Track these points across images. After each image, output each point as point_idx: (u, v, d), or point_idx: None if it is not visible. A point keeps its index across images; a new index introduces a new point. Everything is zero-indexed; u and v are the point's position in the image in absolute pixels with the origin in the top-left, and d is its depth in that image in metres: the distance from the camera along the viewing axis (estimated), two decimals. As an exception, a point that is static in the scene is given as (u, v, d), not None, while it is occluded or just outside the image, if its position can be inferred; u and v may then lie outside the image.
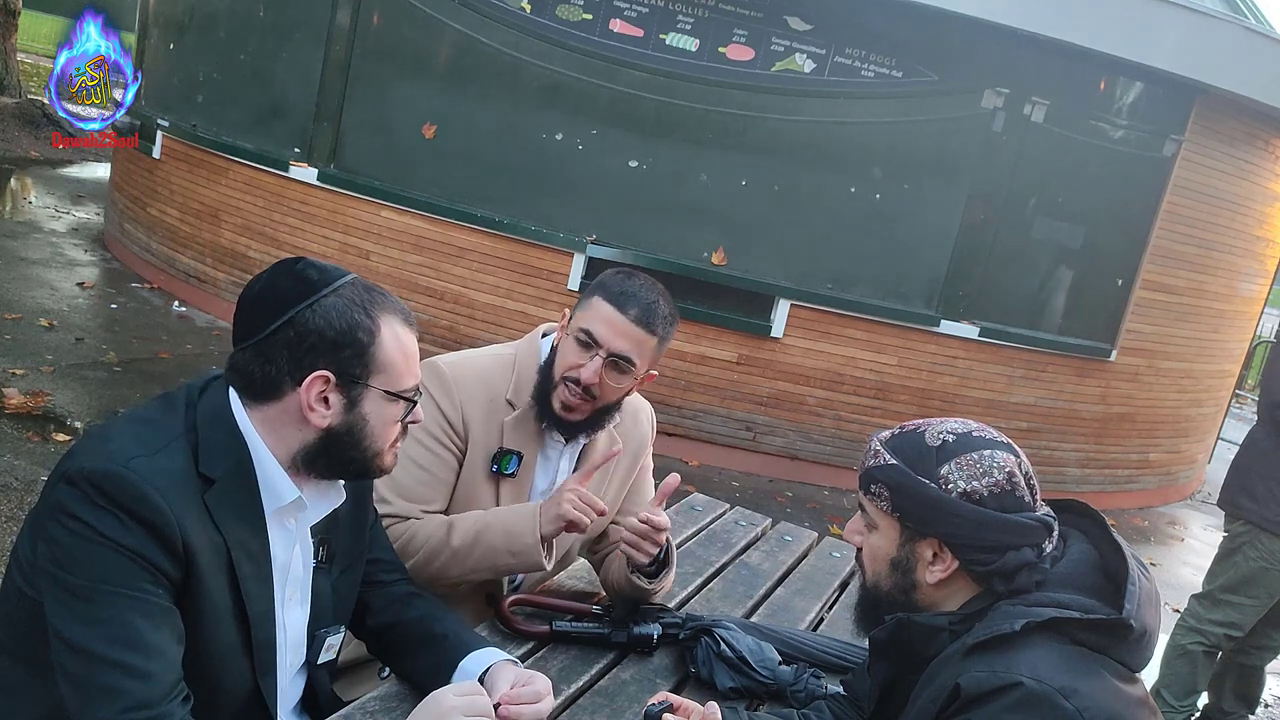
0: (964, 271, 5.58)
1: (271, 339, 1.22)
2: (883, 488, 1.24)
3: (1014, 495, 1.20)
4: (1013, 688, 1.07)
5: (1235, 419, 9.55)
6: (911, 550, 1.24)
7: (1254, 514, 3.19)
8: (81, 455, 1.16)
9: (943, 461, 1.21)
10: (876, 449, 1.27)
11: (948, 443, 1.23)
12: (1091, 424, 6.26)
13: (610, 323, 1.69)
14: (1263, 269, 7.00)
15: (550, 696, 1.37)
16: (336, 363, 1.23)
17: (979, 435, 1.24)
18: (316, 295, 1.23)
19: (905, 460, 1.23)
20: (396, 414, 1.29)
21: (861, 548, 1.31)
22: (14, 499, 3.43)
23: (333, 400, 1.24)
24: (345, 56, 5.71)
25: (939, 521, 1.20)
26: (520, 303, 5.50)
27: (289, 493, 1.26)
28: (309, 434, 1.25)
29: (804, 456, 5.70)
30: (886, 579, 1.27)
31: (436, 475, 1.76)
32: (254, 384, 1.24)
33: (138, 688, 1.09)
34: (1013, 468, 1.21)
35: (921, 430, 1.26)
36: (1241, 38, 5.69)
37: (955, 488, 1.19)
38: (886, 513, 1.25)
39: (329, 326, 1.22)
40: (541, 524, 1.64)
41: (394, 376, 1.27)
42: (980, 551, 1.19)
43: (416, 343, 1.31)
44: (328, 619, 1.41)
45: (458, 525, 1.70)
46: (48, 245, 7.21)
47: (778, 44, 5.23)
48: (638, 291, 1.71)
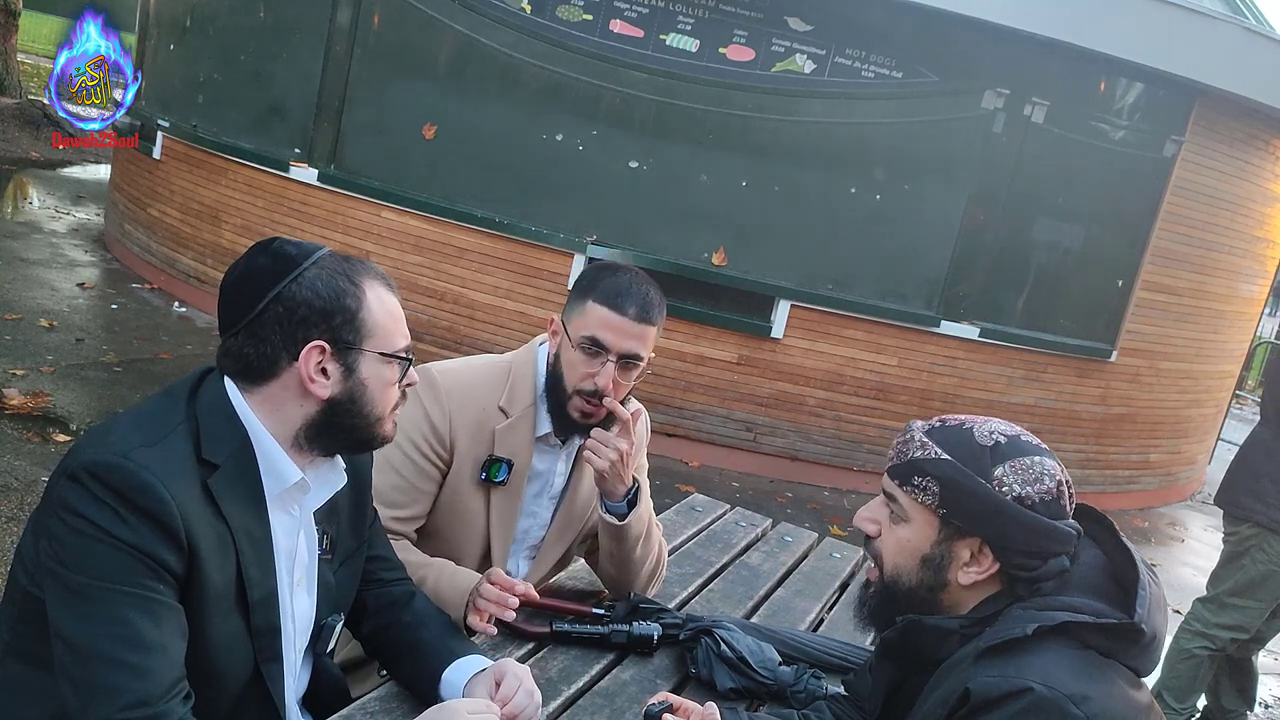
0: (964, 272, 5.58)
1: (261, 318, 1.23)
2: (931, 482, 1.19)
3: (1059, 504, 1.18)
4: (1023, 693, 1.06)
5: (1235, 419, 9.55)
6: (948, 548, 1.20)
7: (1262, 516, 3.16)
8: (83, 450, 1.16)
9: (997, 463, 1.17)
10: (923, 440, 1.21)
11: (1000, 444, 1.19)
12: (1091, 425, 6.26)
13: (613, 326, 1.68)
14: (1263, 269, 7.00)
15: (530, 681, 1.38)
16: (330, 331, 1.23)
17: (1026, 440, 1.21)
18: (298, 269, 1.24)
19: (957, 457, 1.18)
20: (393, 375, 1.30)
21: (877, 536, 1.27)
22: (14, 499, 3.43)
23: (331, 370, 1.24)
24: (345, 57, 5.71)
25: (990, 523, 1.17)
26: (520, 303, 5.50)
27: (292, 474, 1.26)
28: (311, 407, 1.25)
29: (804, 457, 5.70)
30: (912, 574, 1.23)
31: (413, 483, 1.76)
32: (250, 366, 1.24)
33: (137, 685, 1.09)
34: (1060, 476, 1.19)
35: (968, 427, 1.22)
36: (1241, 38, 5.69)
37: (1010, 491, 1.16)
38: (929, 507, 1.20)
39: (316, 297, 1.23)
40: (467, 605, 1.62)
41: (385, 338, 1.28)
42: (1026, 557, 1.17)
43: (399, 304, 1.32)
44: (330, 608, 1.41)
45: (409, 565, 1.66)
46: (48, 246, 7.21)
47: (778, 44, 5.23)
48: (629, 288, 1.70)
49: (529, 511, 1.88)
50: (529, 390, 1.79)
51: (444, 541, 1.82)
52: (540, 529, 1.91)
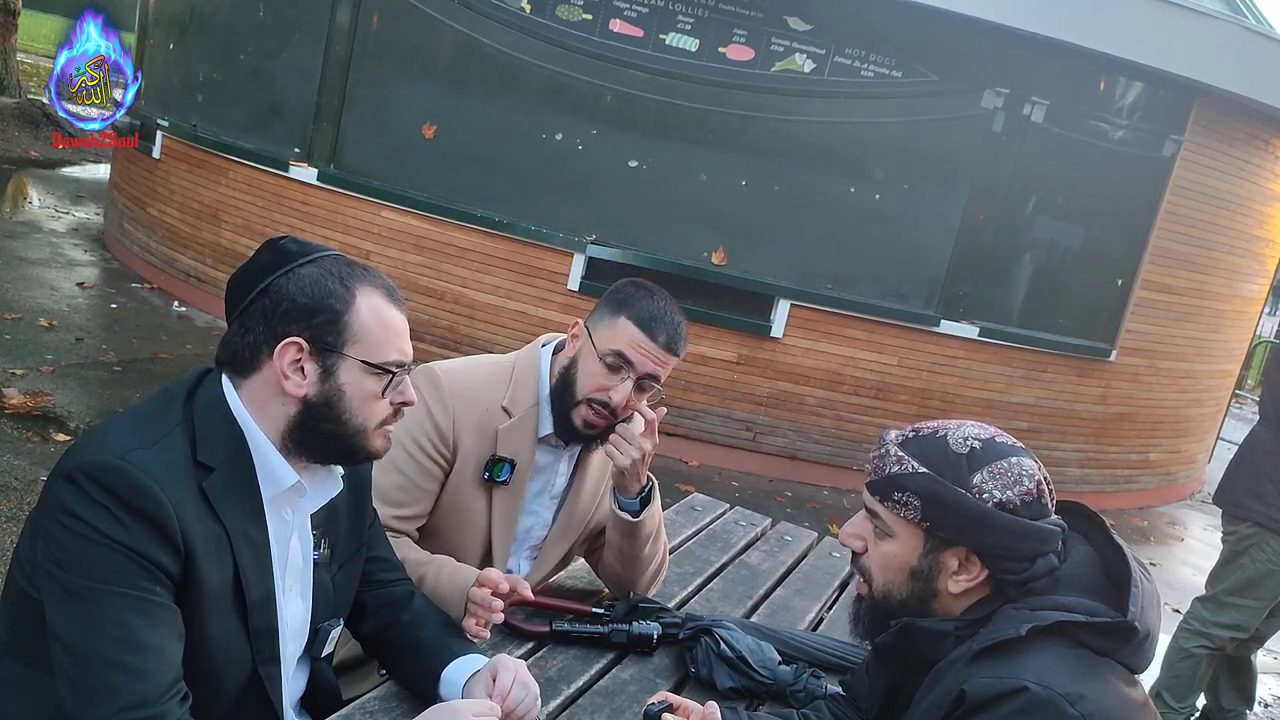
0: (964, 271, 5.57)
1: (249, 309, 1.23)
2: (911, 496, 1.18)
3: (1040, 503, 1.18)
4: (1018, 693, 1.06)
5: (1235, 419, 9.55)
6: (935, 559, 1.20)
7: (1262, 515, 3.16)
8: (80, 451, 1.16)
9: (974, 470, 1.17)
10: (898, 455, 1.20)
11: (975, 449, 1.18)
12: (1091, 424, 6.26)
13: (642, 349, 1.70)
14: (1262, 269, 7.00)
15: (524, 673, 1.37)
16: (309, 329, 1.22)
17: (1001, 441, 1.21)
18: (292, 264, 1.24)
19: (933, 468, 1.18)
20: (376, 387, 1.26)
21: (863, 553, 1.26)
22: (14, 499, 3.43)
23: (308, 369, 1.23)
24: (345, 56, 5.71)
25: (974, 533, 1.16)
26: (520, 303, 5.50)
27: (288, 477, 1.26)
28: (290, 407, 1.24)
29: (804, 456, 5.70)
30: (902, 588, 1.23)
31: (415, 482, 1.76)
32: (236, 356, 1.24)
33: (135, 687, 1.09)
34: (1038, 475, 1.19)
35: (941, 434, 1.21)
36: (1241, 38, 5.69)
37: (990, 497, 1.16)
38: (912, 521, 1.19)
39: (300, 293, 1.22)
40: (468, 603, 1.61)
41: (371, 347, 1.25)
42: (1013, 560, 1.17)
43: (402, 318, 1.29)
44: (327, 613, 1.41)
45: (408, 562, 1.67)
46: (48, 245, 7.21)
47: (778, 44, 5.23)
48: (664, 314, 1.72)
49: (530, 511, 1.88)
50: (531, 391, 1.80)
51: (445, 541, 1.82)
52: (542, 529, 1.91)
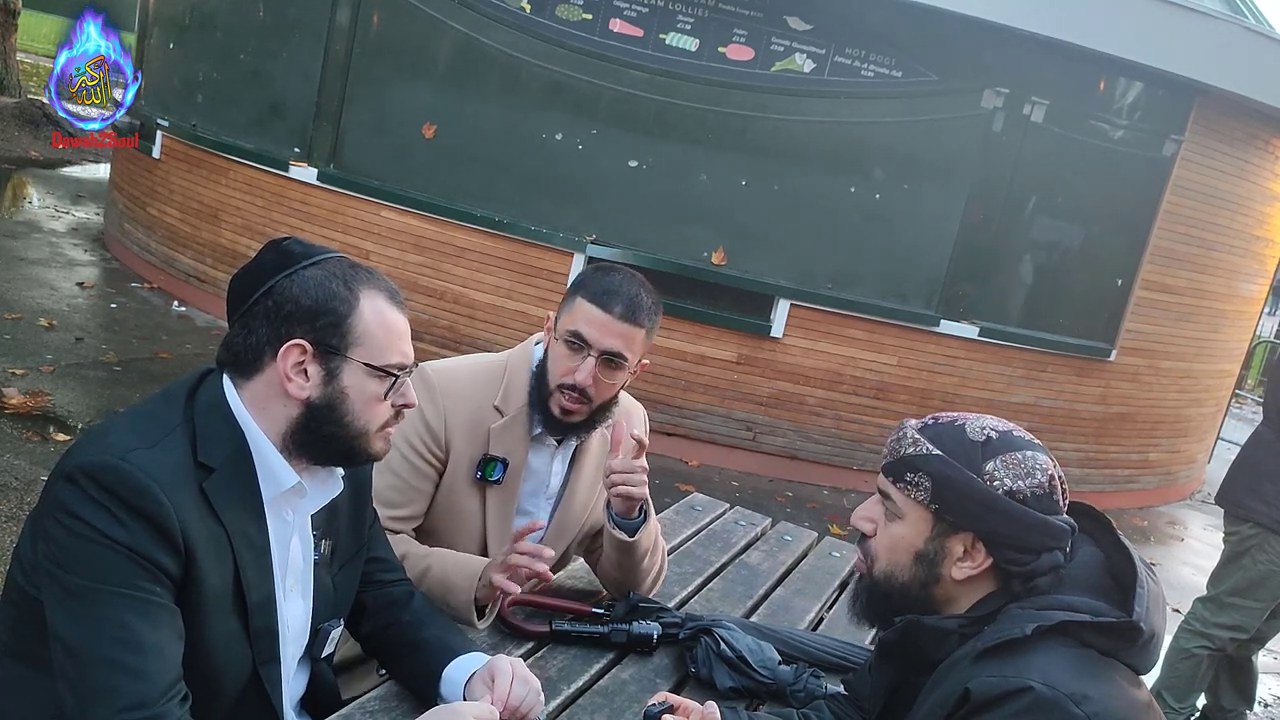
0: (964, 271, 5.57)
1: (252, 310, 1.23)
2: (923, 478, 1.19)
3: (1051, 498, 1.19)
4: (1023, 693, 1.06)
5: (1235, 419, 9.55)
6: (941, 544, 1.21)
7: (1264, 515, 3.15)
8: (80, 451, 1.15)
9: (988, 458, 1.18)
10: (915, 437, 1.22)
11: (991, 439, 1.20)
12: (1091, 424, 6.26)
13: (597, 322, 1.68)
14: (1262, 269, 7.00)
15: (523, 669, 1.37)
16: (313, 331, 1.22)
17: (1018, 435, 1.22)
18: (296, 266, 1.23)
19: (948, 452, 1.19)
20: (379, 390, 1.26)
21: (873, 535, 1.27)
22: (14, 499, 3.43)
23: (311, 371, 1.23)
24: (345, 56, 5.71)
25: (981, 518, 1.17)
26: (520, 303, 5.50)
27: (288, 478, 1.26)
28: (293, 409, 1.24)
29: (804, 456, 5.70)
30: (906, 570, 1.23)
31: (409, 483, 1.76)
32: (238, 357, 1.24)
33: (135, 687, 1.09)
34: (1051, 471, 1.20)
35: (960, 423, 1.22)
36: (1241, 38, 5.69)
37: (1001, 485, 1.17)
38: (922, 504, 1.21)
39: (305, 295, 1.22)
40: (478, 587, 1.63)
41: (374, 349, 1.25)
42: (1018, 551, 1.17)
43: (405, 321, 1.30)
44: (328, 613, 1.41)
45: (410, 555, 1.68)
46: (48, 245, 7.21)
47: (778, 44, 5.23)
48: (619, 287, 1.70)
49: (525, 511, 1.88)
50: (524, 389, 1.79)
51: (441, 540, 1.82)
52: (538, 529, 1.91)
